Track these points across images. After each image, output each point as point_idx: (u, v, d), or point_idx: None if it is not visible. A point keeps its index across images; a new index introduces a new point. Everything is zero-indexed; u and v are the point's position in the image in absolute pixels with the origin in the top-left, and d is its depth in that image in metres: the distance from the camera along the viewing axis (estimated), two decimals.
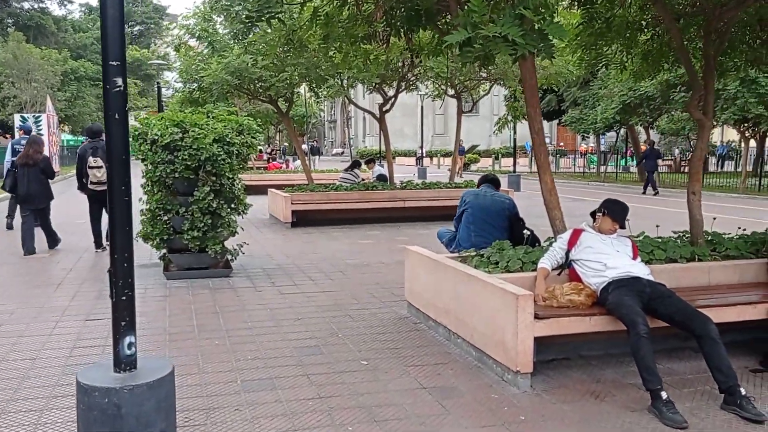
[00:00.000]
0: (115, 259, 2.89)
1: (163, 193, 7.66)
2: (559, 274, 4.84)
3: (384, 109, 13.61)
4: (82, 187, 9.58)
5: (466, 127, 24.84)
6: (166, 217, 7.61)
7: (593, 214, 4.93)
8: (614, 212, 4.76)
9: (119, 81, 2.89)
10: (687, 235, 5.92)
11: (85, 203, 9.76)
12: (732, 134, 46.19)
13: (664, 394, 3.85)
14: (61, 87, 42.83)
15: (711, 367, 4.03)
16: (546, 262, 4.82)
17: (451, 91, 14.39)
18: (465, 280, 4.88)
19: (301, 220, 12.50)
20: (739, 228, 6.01)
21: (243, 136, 7.97)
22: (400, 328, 5.63)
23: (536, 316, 4.25)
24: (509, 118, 14.86)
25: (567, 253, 4.83)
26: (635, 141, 27.77)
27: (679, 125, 33.15)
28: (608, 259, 4.59)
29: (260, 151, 38.94)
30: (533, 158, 41.06)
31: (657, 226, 6.07)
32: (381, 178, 14.57)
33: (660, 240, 5.58)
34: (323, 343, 5.23)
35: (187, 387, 4.29)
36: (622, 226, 4.83)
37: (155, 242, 7.67)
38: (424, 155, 42.21)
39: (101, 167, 9.20)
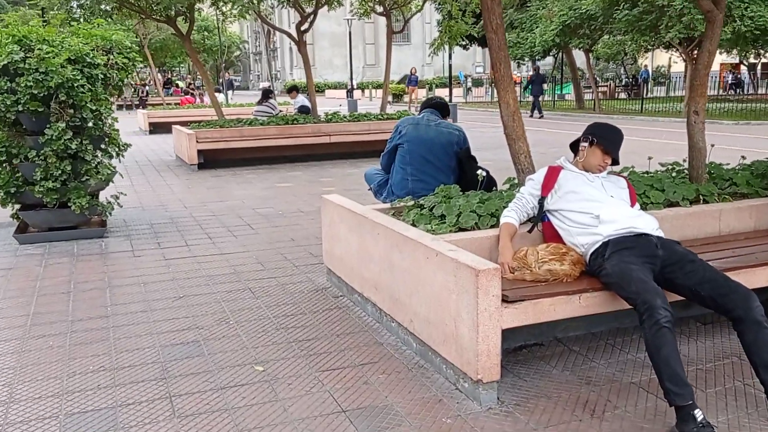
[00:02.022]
0: None
1: (5, 133, 5.87)
2: (530, 232, 3.46)
3: (302, 28, 11.82)
4: None
5: (397, 57, 23.12)
6: (12, 164, 5.86)
7: (575, 146, 3.54)
8: (606, 140, 3.39)
9: None
10: (678, 168, 4.64)
11: None
12: (663, 59, 45.96)
13: (698, 414, 2.57)
14: None
15: (756, 362, 2.77)
16: (512, 215, 3.43)
17: (379, 9, 12.66)
18: (400, 244, 3.46)
19: (210, 161, 10.79)
20: (742, 158, 4.77)
21: (112, 56, 6.20)
22: (315, 306, 4.20)
23: (504, 299, 2.88)
24: (445, 39, 13.29)
25: (541, 202, 3.45)
26: (573, 66, 26.67)
27: (614, 50, 32.32)
28: (601, 208, 3.24)
29: (176, 85, 36.23)
30: (468, 89, 39.78)
31: (649, 158, 4.75)
32: (303, 110, 12.87)
33: (651, 176, 4.29)
34: (206, 336, 3.75)
35: None
36: (616, 161, 3.47)
37: (0, 196, 5.93)
38: (355, 87, 40.24)
39: None
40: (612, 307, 3.08)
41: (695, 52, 21.41)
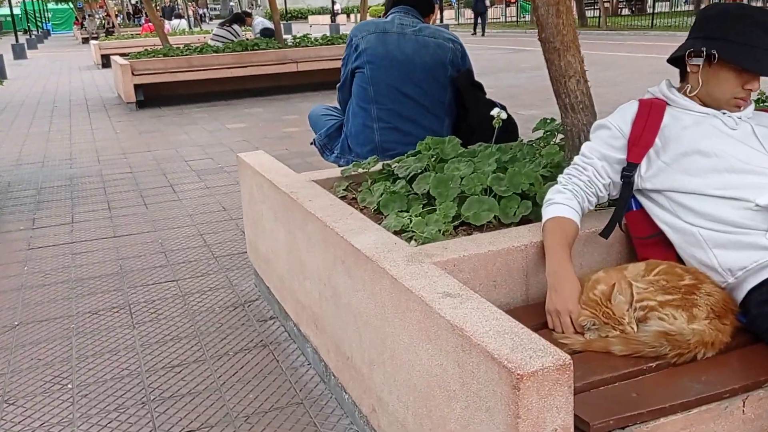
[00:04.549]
0: None
1: None
2: (605, 236, 1.73)
3: None
4: None
5: None
6: None
7: (684, 60, 1.75)
8: (747, 46, 1.62)
9: None
10: None
11: None
12: None
13: None
14: None
15: None
16: (566, 202, 1.70)
17: None
18: (347, 260, 1.78)
19: (153, 98, 8.94)
20: None
21: None
22: (227, 343, 2.54)
23: (580, 429, 1.21)
24: None
25: (628, 174, 1.71)
26: None
27: None
28: (763, 185, 1.52)
29: (145, 14, 33.50)
30: (460, 10, 37.17)
31: None
32: (266, 33, 10.88)
33: None
34: (9, 426, 2.10)
35: None
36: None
37: None
38: (339, 11, 37.58)
39: None
40: None
41: None
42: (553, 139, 2.49)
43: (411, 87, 2.75)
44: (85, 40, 29.32)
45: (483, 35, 23.86)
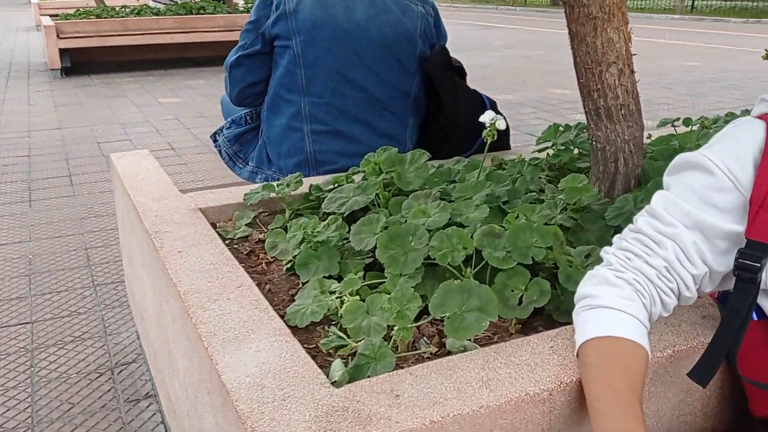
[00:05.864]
0: None
1: None
2: (703, 383, 0.91)
3: None
4: None
5: None
6: None
7: None
8: None
9: None
10: None
11: None
12: None
13: None
14: None
15: None
16: (627, 308, 0.87)
17: None
18: (218, 405, 0.94)
19: (83, 64, 7.88)
20: None
21: None
22: None
23: None
24: None
25: (748, 260, 0.89)
26: None
27: None
28: None
29: None
30: None
31: None
32: None
33: None
34: None
35: None
36: None
37: None
38: None
39: None
40: None
41: None
42: (567, 156, 1.68)
43: (362, 71, 1.87)
44: None
45: None
